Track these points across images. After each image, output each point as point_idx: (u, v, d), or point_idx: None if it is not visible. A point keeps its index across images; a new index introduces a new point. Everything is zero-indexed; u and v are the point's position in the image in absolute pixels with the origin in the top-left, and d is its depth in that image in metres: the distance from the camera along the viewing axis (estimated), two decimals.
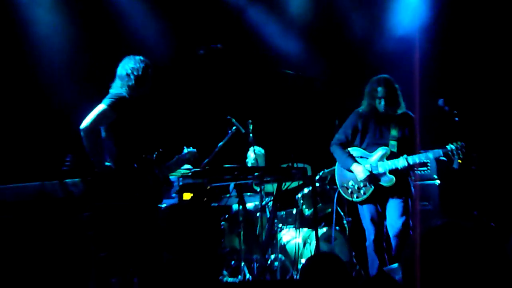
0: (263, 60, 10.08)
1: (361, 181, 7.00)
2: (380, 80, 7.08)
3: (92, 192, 5.88)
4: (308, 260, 4.68)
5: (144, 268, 5.85)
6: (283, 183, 6.78)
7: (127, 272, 5.83)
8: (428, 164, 7.40)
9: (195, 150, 6.36)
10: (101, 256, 5.97)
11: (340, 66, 10.26)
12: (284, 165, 7.46)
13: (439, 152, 6.77)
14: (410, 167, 6.86)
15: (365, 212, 7.09)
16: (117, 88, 6.05)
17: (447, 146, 6.73)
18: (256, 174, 6.15)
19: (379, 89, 7.01)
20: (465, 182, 8.35)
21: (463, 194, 8.52)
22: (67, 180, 6.16)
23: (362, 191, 7.03)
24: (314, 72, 8.66)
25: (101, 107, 5.76)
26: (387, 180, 6.96)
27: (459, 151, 6.69)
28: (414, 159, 6.83)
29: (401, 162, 6.86)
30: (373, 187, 6.98)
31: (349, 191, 7.11)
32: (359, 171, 7.01)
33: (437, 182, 8.46)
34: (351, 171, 7.09)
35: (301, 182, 7.82)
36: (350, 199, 7.11)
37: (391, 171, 6.93)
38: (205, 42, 6.77)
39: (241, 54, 9.09)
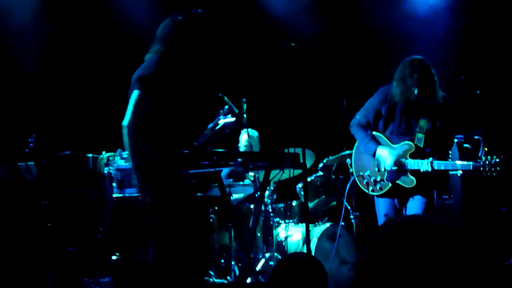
0: (260, 29, 9.83)
1: (386, 169, 6.56)
2: (414, 65, 6.49)
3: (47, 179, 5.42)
4: (278, 264, 4.32)
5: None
6: (272, 171, 6.42)
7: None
8: (450, 152, 7.02)
9: None
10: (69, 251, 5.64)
11: (350, 38, 9.94)
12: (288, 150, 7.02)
13: (469, 165, 6.32)
14: (434, 173, 6.39)
15: (381, 207, 6.72)
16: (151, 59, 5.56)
17: (479, 160, 6.32)
18: (239, 160, 5.63)
19: (415, 76, 6.43)
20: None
21: (490, 186, 8.07)
22: (20, 164, 5.67)
23: (378, 186, 6.69)
24: (319, 46, 8.53)
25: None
26: (408, 182, 6.53)
27: (492, 168, 6.26)
28: (440, 165, 6.37)
29: (424, 166, 6.38)
30: (390, 184, 6.59)
31: (365, 181, 6.79)
32: (386, 155, 6.56)
33: (460, 172, 8.07)
34: (373, 157, 6.68)
35: (299, 171, 7.47)
36: (366, 190, 6.79)
37: (413, 172, 6.49)
38: (190, 7, 6.26)
39: (233, 22, 8.92)
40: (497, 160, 6.24)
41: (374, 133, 6.74)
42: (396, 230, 2.09)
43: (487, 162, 6.24)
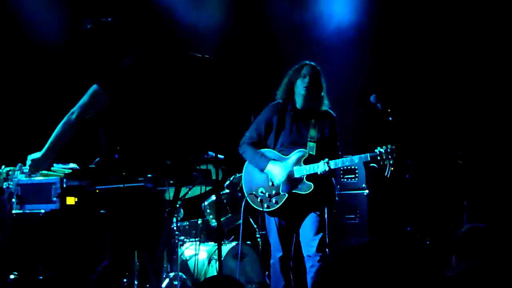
0: (165, 38, 9.44)
1: (278, 184, 6.61)
2: (303, 68, 6.68)
3: None
4: (200, 285, 4.31)
5: None
6: (182, 188, 6.30)
7: None
8: (356, 171, 7.09)
9: None
10: None
11: (260, 51, 9.98)
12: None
13: (366, 156, 6.45)
14: (332, 173, 6.51)
15: (272, 224, 6.68)
16: None
17: (375, 150, 6.43)
18: (148, 176, 5.66)
19: (302, 78, 6.62)
20: (398, 192, 8.26)
21: (395, 206, 8.43)
22: None
23: (274, 200, 6.64)
24: (227, 57, 8.54)
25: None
26: (305, 188, 6.56)
27: (389, 156, 6.39)
28: (336, 163, 6.44)
29: (321, 167, 6.43)
30: (287, 195, 6.59)
31: (259, 199, 6.73)
32: (277, 171, 6.61)
33: (366, 192, 8.35)
34: (263, 173, 6.71)
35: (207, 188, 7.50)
36: (260, 209, 6.75)
37: (309, 177, 6.53)
38: (95, 14, 6.28)
39: (137, 30, 8.62)
40: (393, 147, 6.38)
41: (263, 150, 6.78)
42: (357, 253, 2.11)
43: (383, 151, 6.38)
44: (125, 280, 7.60)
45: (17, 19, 9.09)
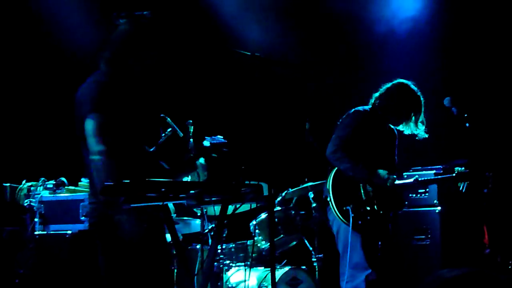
0: (209, 36, 9.60)
1: (386, 189, 6.72)
2: (419, 99, 6.92)
3: None
4: None
5: None
6: (229, 206, 5.96)
7: None
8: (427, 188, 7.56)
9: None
10: None
11: (317, 49, 9.76)
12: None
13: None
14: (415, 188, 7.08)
15: (356, 241, 6.68)
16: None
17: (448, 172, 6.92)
18: (191, 192, 5.22)
19: (421, 123, 6.89)
20: (475, 209, 7.83)
21: (472, 225, 7.96)
22: None
23: (367, 215, 6.71)
24: (281, 56, 8.36)
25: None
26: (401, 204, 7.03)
27: (462, 179, 6.70)
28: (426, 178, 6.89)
29: (409, 180, 6.75)
30: (377, 208, 6.75)
31: (352, 215, 6.64)
32: (383, 176, 6.73)
33: (438, 209, 8.01)
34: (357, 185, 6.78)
35: (254, 205, 7.19)
36: (350, 226, 6.62)
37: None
38: (129, 8, 5.98)
39: (179, 27, 8.90)
40: (467, 171, 6.60)
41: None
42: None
43: (454, 174, 6.65)
44: None
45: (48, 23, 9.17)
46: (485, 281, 2.01)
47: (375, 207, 6.72)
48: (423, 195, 8.02)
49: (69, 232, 6.81)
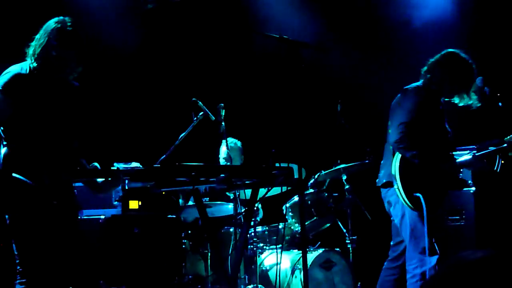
0: (238, 20, 9.60)
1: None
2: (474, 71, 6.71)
3: None
4: None
5: None
6: (260, 189, 6.01)
7: None
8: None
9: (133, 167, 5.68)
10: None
11: (346, 29, 9.73)
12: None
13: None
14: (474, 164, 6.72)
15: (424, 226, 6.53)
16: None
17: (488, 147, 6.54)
18: (222, 176, 5.27)
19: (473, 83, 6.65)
20: (510, 189, 7.97)
21: (507, 205, 8.08)
22: None
23: (436, 199, 6.53)
24: (310, 38, 8.17)
25: None
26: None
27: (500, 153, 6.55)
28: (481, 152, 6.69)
29: (467, 157, 6.61)
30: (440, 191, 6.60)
31: (423, 200, 6.44)
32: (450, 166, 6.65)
33: (473, 189, 7.93)
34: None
35: (286, 188, 7.21)
36: (424, 211, 6.40)
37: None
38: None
39: (208, 12, 8.86)
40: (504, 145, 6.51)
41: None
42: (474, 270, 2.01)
43: (495, 148, 6.51)
44: None
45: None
46: (509, 265, 2.04)
47: (438, 189, 6.56)
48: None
49: (102, 217, 6.94)
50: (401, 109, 6.49)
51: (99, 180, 5.46)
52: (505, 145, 6.53)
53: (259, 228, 7.88)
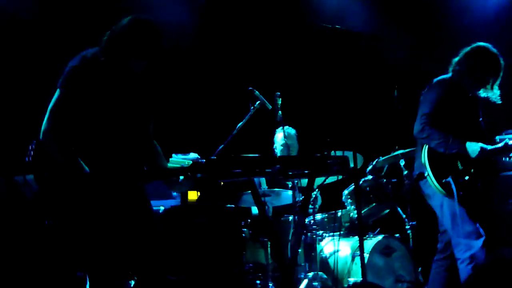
0: (293, 11, 9.58)
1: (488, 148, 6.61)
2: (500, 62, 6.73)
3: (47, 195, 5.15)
4: None
5: None
6: (316, 179, 6.02)
7: None
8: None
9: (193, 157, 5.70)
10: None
11: (399, 18, 9.70)
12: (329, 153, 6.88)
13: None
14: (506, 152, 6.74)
15: (463, 212, 6.56)
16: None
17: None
18: (276, 166, 5.31)
19: (498, 74, 6.71)
20: None
21: None
22: (17, 177, 5.43)
23: (466, 185, 6.55)
24: (363, 27, 8.39)
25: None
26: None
27: None
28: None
29: (499, 144, 6.64)
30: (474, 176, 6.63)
31: (453, 185, 6.51)
32: (473, 150, 6.61)
33: None
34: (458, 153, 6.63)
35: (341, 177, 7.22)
36: (455, 195, 6.48)
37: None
38: None
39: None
40: None
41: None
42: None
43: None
44: (258, 282, 7.60)
45: None
46: None
47: (472, 175, 6.56)
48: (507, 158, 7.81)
49: (162, 207, 6.94)
50: (425, 101, 6.63)
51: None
52: None
53: (318, 216, 7.87)
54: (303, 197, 7.37)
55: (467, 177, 6.52)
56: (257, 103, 7.43)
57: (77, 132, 5.01)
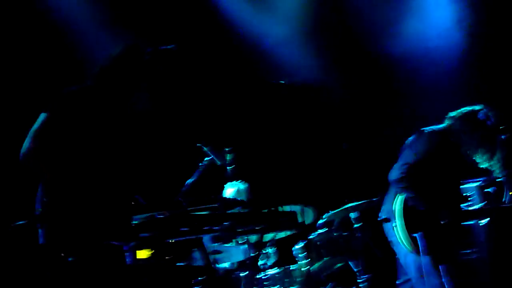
0: (244, 66, 9.68)
1: None
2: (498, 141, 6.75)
3: None
4: None
5: None
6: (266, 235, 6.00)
7: None
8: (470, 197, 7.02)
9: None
10: None
11: (349, 71, 9.67)
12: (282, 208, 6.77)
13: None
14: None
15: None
16: None
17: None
18: (225, 224, 5.28)
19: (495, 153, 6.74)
20: None
21: None
22: None
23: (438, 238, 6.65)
24: (314, 81, 8.33)
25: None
26: None
27: None
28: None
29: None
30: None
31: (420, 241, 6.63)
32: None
33: (483, 221, 7.50)
34: None
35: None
36: (421, 253, 6.61)
37: None
38: (156, 42, 6.08)
39: (211, 57, 8.86)
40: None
41: None
42: None
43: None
44: None
45: None
46: None
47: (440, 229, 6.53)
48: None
49: None
50: (410, 150, 6.54)
51: None
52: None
53: (271, 271, 7.68)
54: (253, 254, 7.38)
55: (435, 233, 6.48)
56: (206, 159, 7.37)
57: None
